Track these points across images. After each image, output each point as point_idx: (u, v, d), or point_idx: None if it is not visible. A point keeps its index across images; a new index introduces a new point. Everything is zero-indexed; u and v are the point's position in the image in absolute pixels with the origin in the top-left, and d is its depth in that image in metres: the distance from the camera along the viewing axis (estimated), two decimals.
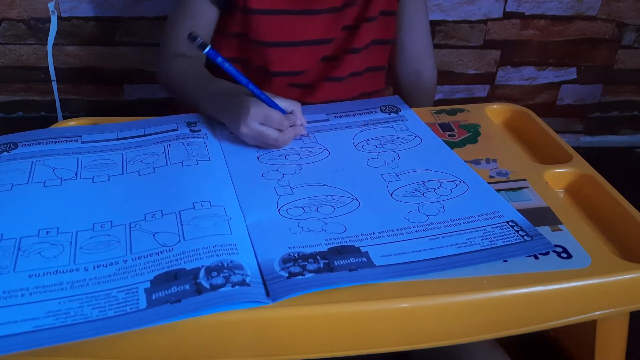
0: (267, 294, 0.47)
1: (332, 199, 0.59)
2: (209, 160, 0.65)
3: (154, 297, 0.46)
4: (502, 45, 1.32)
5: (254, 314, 0.46)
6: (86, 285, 0.48)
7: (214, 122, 0.74)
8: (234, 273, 0.48)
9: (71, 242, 0.53)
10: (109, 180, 0.62)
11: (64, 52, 1.20)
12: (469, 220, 0.55)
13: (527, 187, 0.62)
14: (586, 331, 0.59)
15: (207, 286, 0.46)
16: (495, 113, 0.79)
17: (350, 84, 0.85)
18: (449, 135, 0.73)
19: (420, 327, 0.50)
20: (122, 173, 0.63)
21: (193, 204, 0.57)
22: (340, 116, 0.76)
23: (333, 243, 0.52)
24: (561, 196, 0.64)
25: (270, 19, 0.79)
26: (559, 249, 0.53)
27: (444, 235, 0.54)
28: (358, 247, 0.52)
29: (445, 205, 0.58)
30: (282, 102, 0.68)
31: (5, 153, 0.67)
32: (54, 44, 1.19)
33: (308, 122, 0.74)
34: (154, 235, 0.53)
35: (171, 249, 0.51)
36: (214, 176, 0.63)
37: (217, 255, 0.50)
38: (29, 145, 0.68)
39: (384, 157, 0.67)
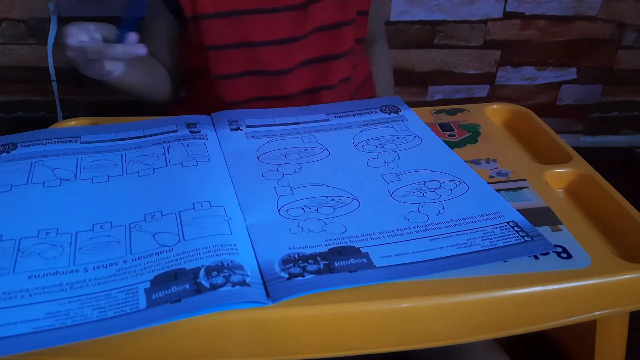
0: (267, 294, 0.47)
1: (332, 200, 0.59)
2: (209, 160, 0.65)
3: (153, 297, 0.46)
4: (502, 45, 1.32)
5: (253, 314, 0.46)
6: (86, 286, 0.48)
7: (214, 123, 0.74)
8: (234, 273, 0.48)
9: (71, 243, 0.53)
10: (108, 181, 0.62)
11: (64, 52, 1.20)
12: (469, 221, 0.55)
13: (527, 187, 0.62)
14: (586, 331, 0.59)
15: (207, 285, 0.46)
16: (495, 113, 0.79)
17: (341, 88, 0.86)
18: (449, 135, 0.73)
19: (420, 327, 0.50)
20: (122, 174, 0.63)
21: (193, 204, 0.57)
22: (340, 116, 0.76)
23: (333, 244, 0.52)
24: (561, 196, 0.64)
25: (222, 22, 0.78)
26: (559, 249, 0.53)
27: (445, 235, 0.54)
28: (358, 248, 0.52)
29: (446, 205, 0.58)
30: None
31: (5, 154, 0.66)
32: (54, 44, 1.19)
33: (308, 122, 0.74)
34: (153, 235, 0.53)
35: (171, 249, 0.51)
36: (214, 177, 0.63)
37: (217, 255, 0.50)
38: (28, 145, 0.68)
39: (384, 157, 0.67)
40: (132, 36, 0.65)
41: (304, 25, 0.80)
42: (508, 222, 0.55)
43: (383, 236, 0.53)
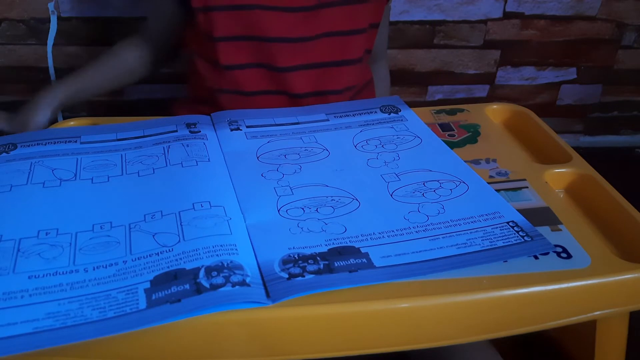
0: (267, 294, 0.47)
1: (332, 200, 0.59)
2: (209, 161, 0.65)
3: (153, 297, 0.46)
4: (502, 45, 1.31)
5: (253, 314, 0.46)
6: (86, 286, 0.48)
7: (214, 123, 0.74)
8: (234, 273, 0.48)
9: (71, 243, 0.53)
10: (108, 181, 0.62)
11: (64, 52, 1.20)
12: (469, 221, 0.55)
13: (527, 187, 0.62)
14: (586, 331, 0.59)
15: (207, 286, 0.46)
16: (495, 113, 0.79)
17: (347, 95, 0.86)
18: (448, 135, 0.73)
19: (420, 327, 0.50)
20: (122, 174, 0.63)
21: (193, 204, 0.57)
22: (340, 116, 0.76)
23: (333, 244, 0.52)
24: (561, 196, 0.64)
25: (232, 15, 0.79)
26: (559, 249, 0.53)
27: (444, 235, 0.54)
28: (358, 248, 0.52)
29: (446, 205, 0.58)
30: None
31: (4, 154, 0.67)
32: (54, 44, 1.19)
33: (308, 122, 0.74)
34: (153, 235, 0.53)
35: (171, 250, 0.51)
36: (214, 177, 0.63)
37: (217, 255, 0.50)
38: (28, 146, 0.68)
39: (384, 157, 0.67)
40: None
41: (314, 28, 0.81)
42: (508, 222, 0.55)
43: (383, 236, 0.53)
